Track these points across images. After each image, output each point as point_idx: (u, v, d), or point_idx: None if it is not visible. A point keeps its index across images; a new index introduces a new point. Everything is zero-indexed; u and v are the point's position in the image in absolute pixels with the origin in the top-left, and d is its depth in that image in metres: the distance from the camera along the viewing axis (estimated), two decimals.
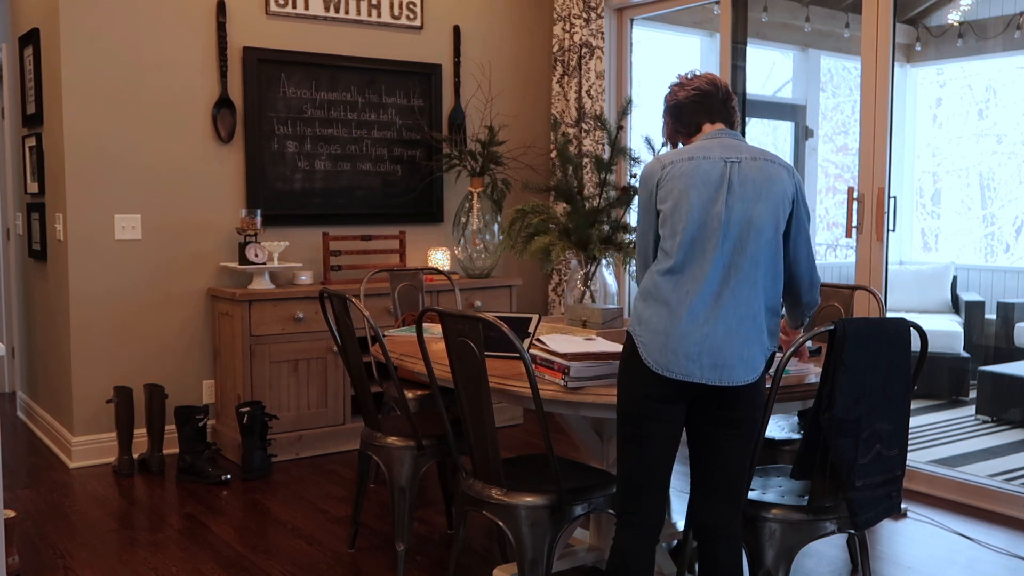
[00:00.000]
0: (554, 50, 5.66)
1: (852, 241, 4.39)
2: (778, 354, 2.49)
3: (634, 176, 3.81)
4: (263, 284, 4.77)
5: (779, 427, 3.44)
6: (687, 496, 2.55)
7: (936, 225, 7.66)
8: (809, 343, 3.03)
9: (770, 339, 2.37)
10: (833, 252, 7.32)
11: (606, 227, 3.72)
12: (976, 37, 7.00)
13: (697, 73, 2.57)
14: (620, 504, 2.42)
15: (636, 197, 2.62)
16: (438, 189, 5.53)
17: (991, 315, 6.46)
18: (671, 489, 2.54)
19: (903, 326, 2.45)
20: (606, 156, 5.14)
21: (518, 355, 2.50)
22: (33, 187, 5.11)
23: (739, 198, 2.30)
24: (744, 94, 5.18)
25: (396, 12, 5.32)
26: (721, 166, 2.33)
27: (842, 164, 7.39)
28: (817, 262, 2.51)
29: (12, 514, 3.20)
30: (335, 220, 5.21)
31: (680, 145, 2.56)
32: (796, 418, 3.51)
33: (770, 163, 2.36)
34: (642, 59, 5.81)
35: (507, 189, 5.44)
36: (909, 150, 7.40)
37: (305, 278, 4.92)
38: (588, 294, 3.81)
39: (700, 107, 2.49)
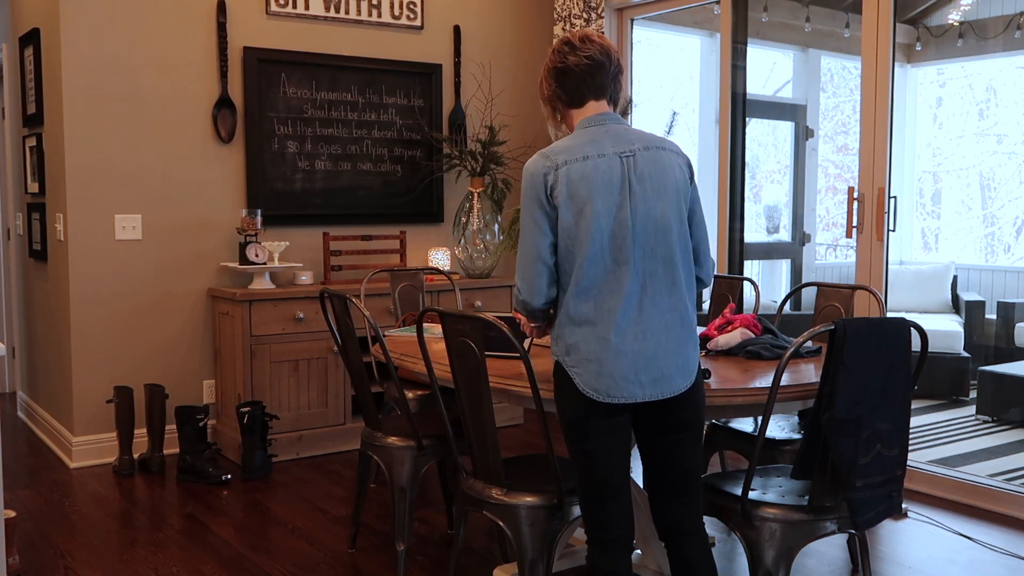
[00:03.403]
0: None
1: (852, 241, 4.39)
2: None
3: None
4: (263, 284, 4.77)
5: (779, 427, 3.44)
6: None
7: (936, 225, 7.66)
8: (809, 343, 3.03)
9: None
10: (833, 252, 7.31)
11: None
12: (976, 37, 7.00)
13: (591, 37, 2.33)
14: (587, 522, 2.37)
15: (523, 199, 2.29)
16: (438, 189, 5.53)
17: (991, 315, 6.47)
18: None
19: (903, 326, 2.45)
20: None
21: (518, 355, 2.50)
22: (33, 187, 5.11)
23: (640, 199, 2.21)
24: (744, 94, 5.17)
25: (396, 12, 5.32)
26: (618, 164, 2.21)
27: (842, 164, 7.39)
28: (817, 262, 2.49)
29: (12, 514, 3.20)
30: (335, 220, 5.21)
31: (558, 114, 2.40)
32: (796, 418, 3.51)
33: (661, 151, 2.27)
34: (642, 59, 5.81)
35: (507, 189, 5.44)
36: (909, 150, 7.40)
37: (305, 278, 4.92)
38: None
39: (590, 79, 2.31)
